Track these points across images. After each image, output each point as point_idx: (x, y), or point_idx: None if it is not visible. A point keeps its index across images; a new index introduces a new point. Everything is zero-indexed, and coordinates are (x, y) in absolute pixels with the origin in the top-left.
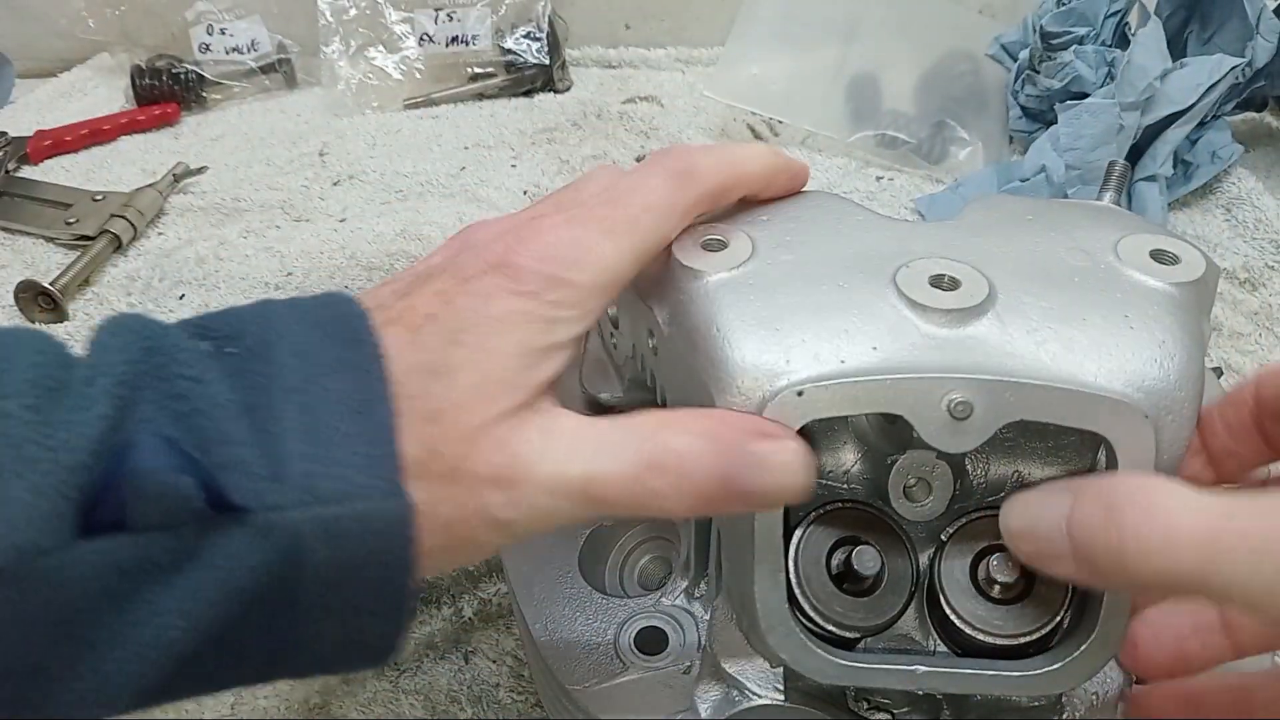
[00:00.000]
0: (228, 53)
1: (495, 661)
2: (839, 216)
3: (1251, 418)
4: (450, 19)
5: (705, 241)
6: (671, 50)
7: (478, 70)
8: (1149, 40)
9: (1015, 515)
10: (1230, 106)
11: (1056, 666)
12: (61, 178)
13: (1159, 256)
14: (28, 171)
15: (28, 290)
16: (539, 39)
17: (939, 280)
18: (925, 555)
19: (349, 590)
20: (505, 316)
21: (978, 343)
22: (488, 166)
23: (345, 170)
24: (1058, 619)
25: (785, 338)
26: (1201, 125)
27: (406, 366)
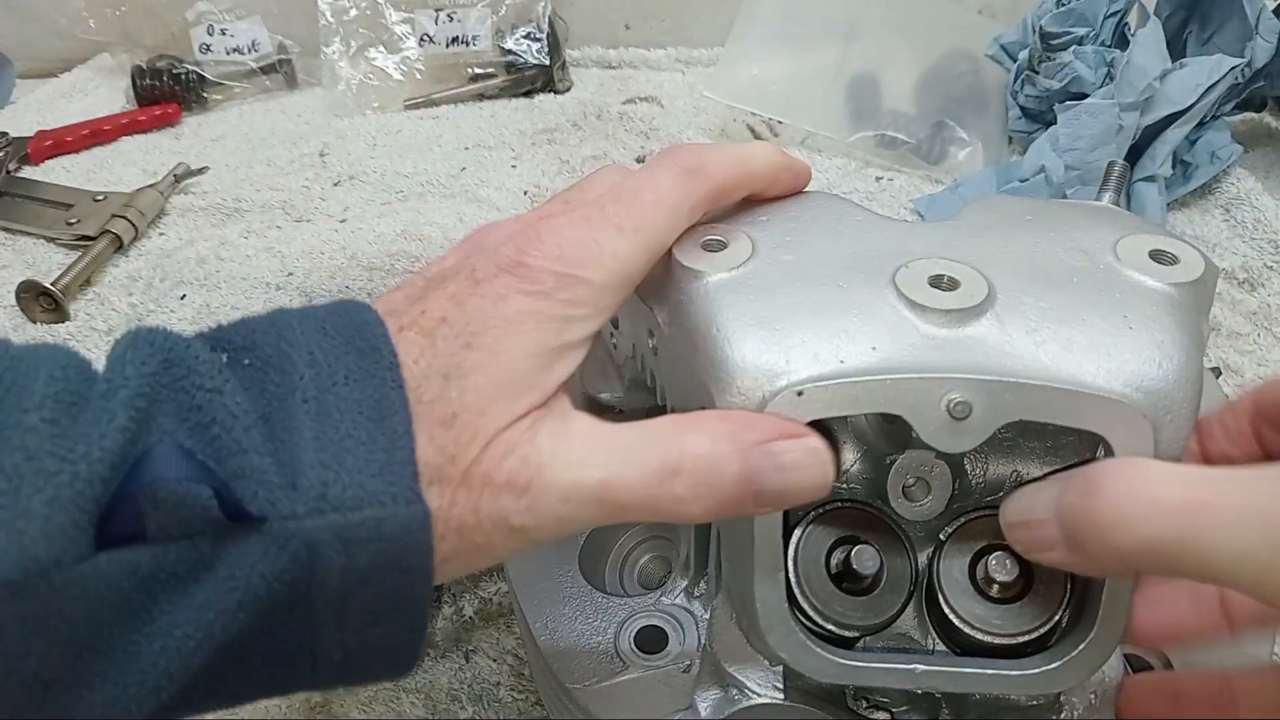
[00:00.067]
0: (228, 53)
1: (496, 660)
2: (839, 217)
3: (1250, 425)
4: (451, 19)
5: (705, 242)
6: (671, 51)
7: (478, 71)
8: (1148, 41)
9: (1012, 507)
10: (1229, 107)
11: (1055, 665)
12: (62, 178)
13: (1158, 257)
14: (29, 172)
15: (29, 290)
16: (539, 39)
17: (938, 280)
18: (924, 555)
19: (366, 598)
20: (518, 317)
21: (977, 343)
22: (488, 167)
23: (346, 171)
24: (1056, 618)
25: (785, 338)
26: (1201, 125)
27: (422, 371)
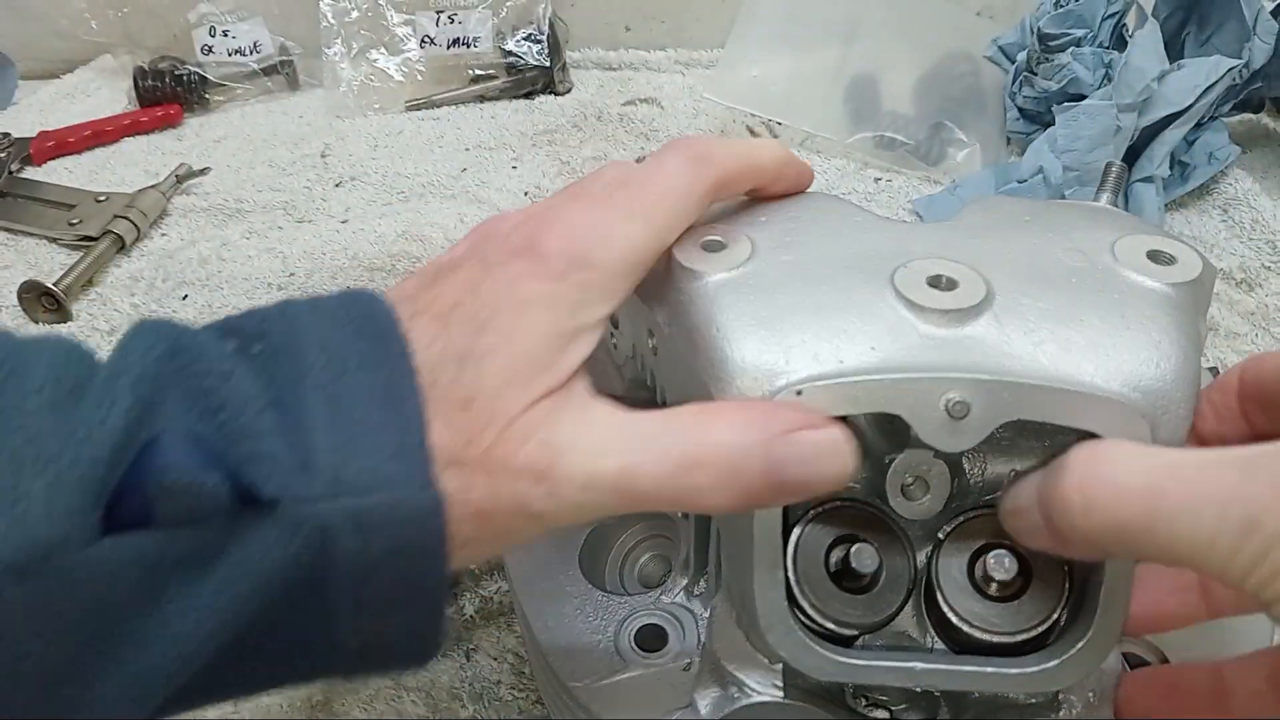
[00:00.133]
0: (230, 54)
1: (496, 659)
2: (838, 217)
3: (1237, 403)
4: (451, 21)
5: (705, 242)
6: (671, 52)
7: (479, 72)
8: (1146, 42)
9: (1008, 495)
10: (1227, 108)
11: (1053, 664)
12: (64, 179)
13: (1155, 257)
14: (31, 172)
15: (31, 291)
16: (540, 41)
17: (937, 281)
18: (923, 553)
19: (380, 583)
20: (532, 300)
21: (975, 343)
22: (489, 168)
23: (347, 171)
24: (1054, 616)
25: (785, 338)
26: (1199, 126)
27: (435, 356)
